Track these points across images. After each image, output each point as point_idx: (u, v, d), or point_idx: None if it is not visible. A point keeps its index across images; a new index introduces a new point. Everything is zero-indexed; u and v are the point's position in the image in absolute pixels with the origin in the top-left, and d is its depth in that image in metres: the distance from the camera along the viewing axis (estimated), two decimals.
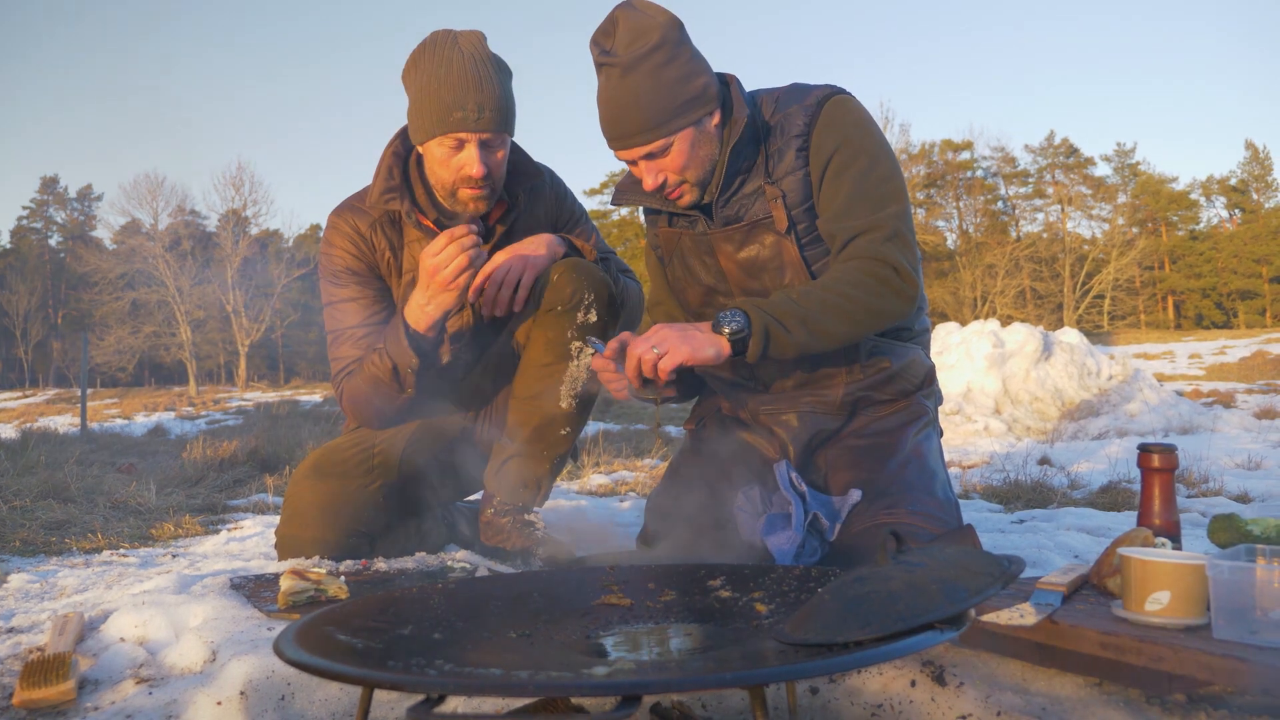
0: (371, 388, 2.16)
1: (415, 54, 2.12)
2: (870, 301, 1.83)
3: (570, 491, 4.22)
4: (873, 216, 1.87)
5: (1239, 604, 1.19)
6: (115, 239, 48.95)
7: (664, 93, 1.83)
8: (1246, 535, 1.62)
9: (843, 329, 1.83)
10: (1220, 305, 54.51)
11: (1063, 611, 1.31)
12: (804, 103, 1.94)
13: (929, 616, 0.99)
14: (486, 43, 2.13)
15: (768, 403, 2.04)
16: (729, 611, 1.32)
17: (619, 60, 1.82)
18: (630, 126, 1.85)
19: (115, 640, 1.64)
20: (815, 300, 1.80)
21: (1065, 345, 8.32)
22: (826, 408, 2.01)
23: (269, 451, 5.63)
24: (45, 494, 3.88)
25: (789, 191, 1.93)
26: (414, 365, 2.09)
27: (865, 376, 2.00)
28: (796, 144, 1.92)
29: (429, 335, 2.08)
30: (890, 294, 1.85)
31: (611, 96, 1.86)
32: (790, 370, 2.00)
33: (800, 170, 1.93)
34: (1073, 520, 2.93)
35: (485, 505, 2.30)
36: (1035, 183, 54.67)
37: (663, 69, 1.83)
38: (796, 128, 1.93)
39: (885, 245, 1.85)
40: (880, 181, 1.91)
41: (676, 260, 2.09)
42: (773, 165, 1.94)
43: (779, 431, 2.03)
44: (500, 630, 1.24)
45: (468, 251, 1.94)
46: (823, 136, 1.91)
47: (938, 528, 1.77)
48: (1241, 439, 5.97)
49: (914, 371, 2.05)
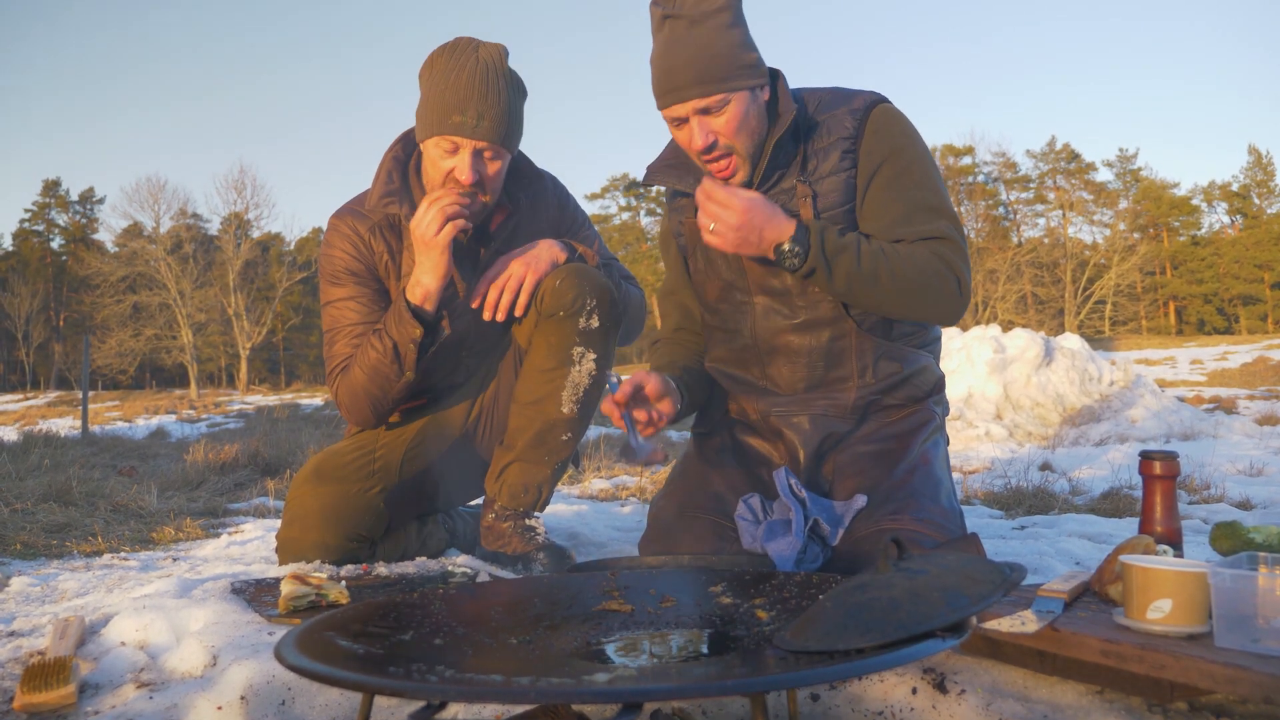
0: (369, 375, 2.15)
1: (435, 53, 2.13)
2: (927, 290, 1.87)
3: (571, 496, 4.22)
4: (936, 225, 1.91)
5: (1241, 612, 1.19)
6: (117, 242, 49.10)
7: (727, 50, 1.84)
8: (1249, 543, 1.62)
9: (891, 294, 1.86)
10: (1222, 311, 54.51)
11: (1064, 619, 1.31)
12: (851, 106, 1.96)
13: (930, 624, 0.98)
14: (507, 58, 2.13)
15: (780, 404, 2.04)
16: (730, 618, 1.32)
17: (686, 13, 1.84)
18: (690, 76, 1.84)
19: (116, 644, 1.64)
20: (884, 251, 1.85)
21: (1066, 351, 8.31)
22: (839, 411, 2.01)
23: (270, 455, 5.63)
24: (46, 497, 3.88)
25: (828, 193, 1.93)
26: (416, 337, 2.09)
27: (877, 381, 2.00)
28: (843, 146, 1.93)
29: (428, 309, 2.10)
30: (945, 297, 1.89)
31: (673, 49, 1.86)
32: (803, 372, 2.01)
33: (845, 172, 1.93)
34: (1074, 527, 2.93)
35: (486, 510, 2.30)
36: (1037, 188, 54.75)
37: (728, 29, 1.85)
38: (844, 130, 1.94)
39: (954, 256, 1.90)
40: (934, 193, 1.95)
41: (700, 252, 2.08)
42: (812, 165, 1.95)
43: (788, 434, 2.03)
44: (501, 636, 1.24)
45: (445, 207, 2.00)
46: (874, 142, 1.93)
47: (942, 536, 1.76)
48: (1243, 445, 5.96)
49: (925, 378, 2.06)
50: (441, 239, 2.02)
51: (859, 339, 1.97)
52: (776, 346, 2.01)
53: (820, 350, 1.98)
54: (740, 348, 2.06)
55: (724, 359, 2.11)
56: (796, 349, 1.99)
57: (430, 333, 2.13)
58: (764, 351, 2.03)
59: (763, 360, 2.04)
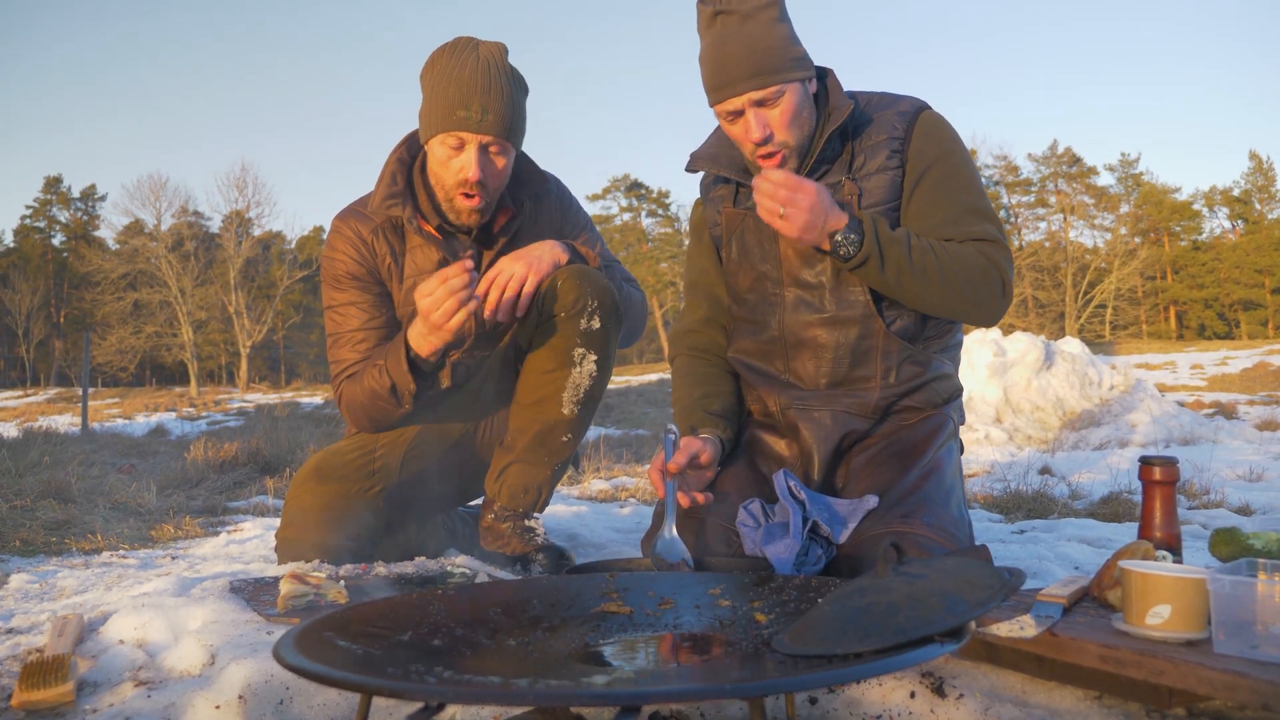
0: (369, 399, 2.16)
1: (435, 54, 2.13)
2: (973, 289, 1.91)
3: (570, 497, 4.22)
4: (983, 227, 1.96)
5: (1240, 618, 1.19)
6: (118, 239, 49.12)
7: (780, 43, 1.89)
8: (1248, 549, 1.62)
9: (938, 289, 1.89)
10: (1222, 316, 54.50)
11: (1063, 624, 1.31)
12: (898, 108, 2.01)
13: (929, 629, 0.98)
14: (507, 55, 2.14)
15: (801, 398, 2.04)
16: (729, 621, 1.32)
17: (736, 8, 1.89)
18: (746, 69, 1.89)
19: (114, 642, 1.64)
20: (933, 248, 1.88)
21: (1067, 355, 8.31)
22: (861, 409, 2.02)
23: (270, 453, 5.64)
24: (46, 494, 3.88)
25: (874, 190, 1.97)
26: (412, 389, 2.11)
27: (899, 383, 2.02)
28: (891, 145, 1.97)
29: (430, 359, 2.09)
30: (990, 297, 1.94)
31: (726, 44, 1.90)
32: (828, 368, 2.02)
33: (891, 171, 1.97)
34: (1073, 531, 2.93)
35: (486, 510, 2.30)
36: (1038, 191, 54.74)
37: (777, 23, 1.90)
38: (893, 130, 1.98)
39: (1001, 257, 1.95)
40: (981, 196, 2.00)
41: (735, 241, 2.11)
42: (859, 162, 1.99)
43: (804, 431, 2.02)
44: (499, 638, 1.24)
45: (457, 294, 1.93)
46: (922, 143, 1.98)
47: (951, 544, 1.77)
48: (1243, 450, 5.96)
49: (945, 385, 2.08)
50: (451, 326, 1.97)
51: (885, 340, 1.99)
52: (803, 340, 2.02)
53: (847, 347, 2.00)
54: (767, 340, 2.07)
55: (748, 350, 2.12)
56: (823, 344, 2.01)
57: (427, 385, 2.14)
58: (790, 345, 2.04)
59: (788, 353, 2.05)
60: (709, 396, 2.12)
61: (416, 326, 2.04)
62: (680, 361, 2.24)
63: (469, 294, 1.94)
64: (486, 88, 2.06)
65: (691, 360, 2.21)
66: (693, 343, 2.23)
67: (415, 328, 2.04)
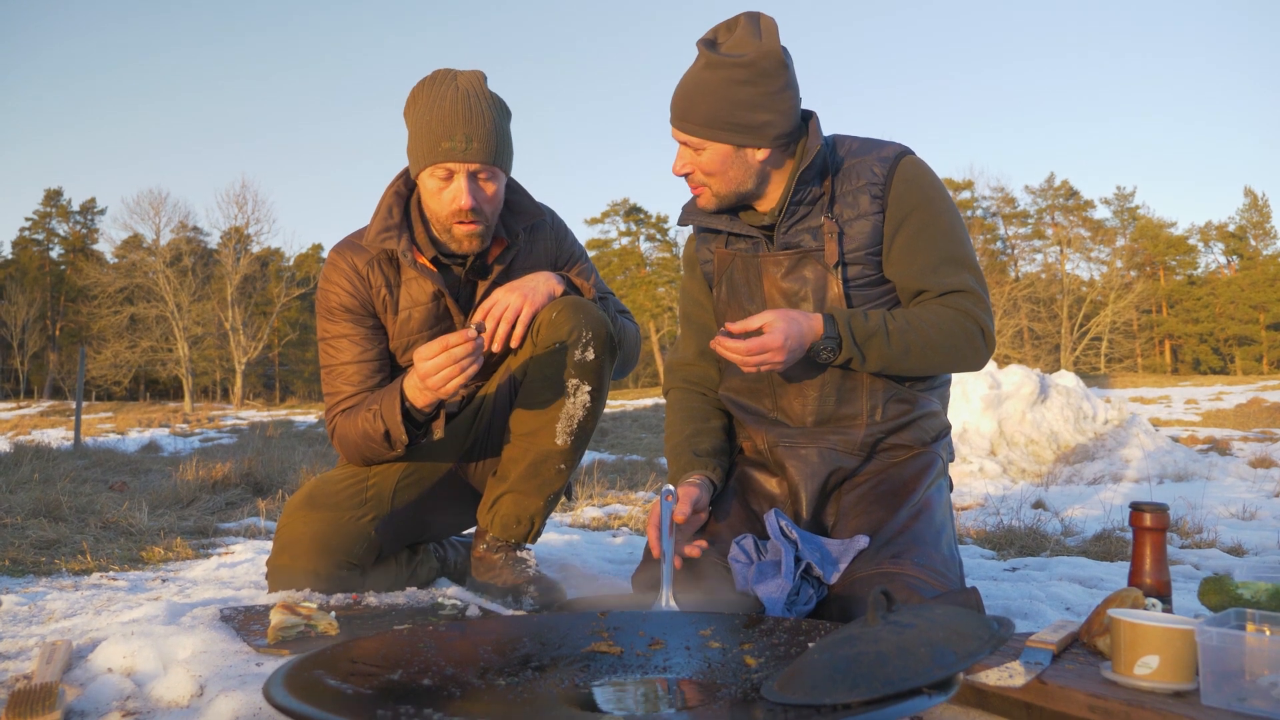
0: (362, 440, 2.18)
1: (415, 89, 2.16)
2: (955, 351, 1.97)
3: (563, 525, 4.20)
4: (960, 278, 2.00)
5: (1228, 670, 1.19)
6: (116, 253, 49.14)
7: (723, 104, 1.92)
8: (1237, 599, 1.62)
9: (917, 362, 1.97)
10: (1217, 351, 54.66)
11: (1052, 671, 1.31)
12: (880, 154, 2.04)
13: (917, 681, 0.99)
14: (486, 82, 2.17)
15: (788, 436, 2.06)
16: (718, 664, 1.32)
17: (713, 54, 1.93)
18: (679, 110, 1.98)
19: (103, 670, 1.63)
20: (910, 324, 1.94)
21: (1062, 388, 8.33)
22: (847, 447, 2.03)
23: (262, 474, 5.62)
24: (36, 512, 3.86)
25: (856, 235, 2.01)
26: (405, 441, 2.13)
27: (886, 420, 2.03)
28: (872, 190, 2.00)
29: (425, 410, 2.10)
30: (972, 352, 1.99)
31: (686, 79, 1.98)
32: (814, 405, 2.04)
33: (873, 217, 2.00)
34: (1065, 570, 2.93)
35: (478, 541, 2.30)
36: (1034, 224, 55.01)
37: (737, 85, 1.91)
38: (873, 175, 2.01)
39: (979, 309, 1.99)
40: (960, 245, 2.03)
41: (725, 282, 2.14)
42: (841, 205, 2.02)
43: (791, 468, 2.04)
44: (489, 677, 1.24)
45: (459, 363, 1.94)
46: (902, 190, 2.00)
47: (942, 585, 1.77)
48: (1237, 488, 5.96)
49: (932, 423, 2.09)
50: (448, 390, 1.98)
51: (870, 378, 2.03)
52: (790, 378, 2.05)
53: (833, 385, 2.03)
54: (753, 378, 2.10)
55: (737, 389, 2.15)
56: (809, 382, 2.03)
57: (421, 435, 2.16)
58: (777, 383, 2.07)
59: (775, 391, 2.08)
60: (699, 434, 2.15)
61: (412, 380, 2.05)
62: (674, 395, 2.26)
63: (470, 362, 1.95)
64: (468, 117, 2.08)
65: (685, 394, 2.24)
66: (687, 375, 2.26)
67: (411, 380, 2.05)
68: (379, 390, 2.20)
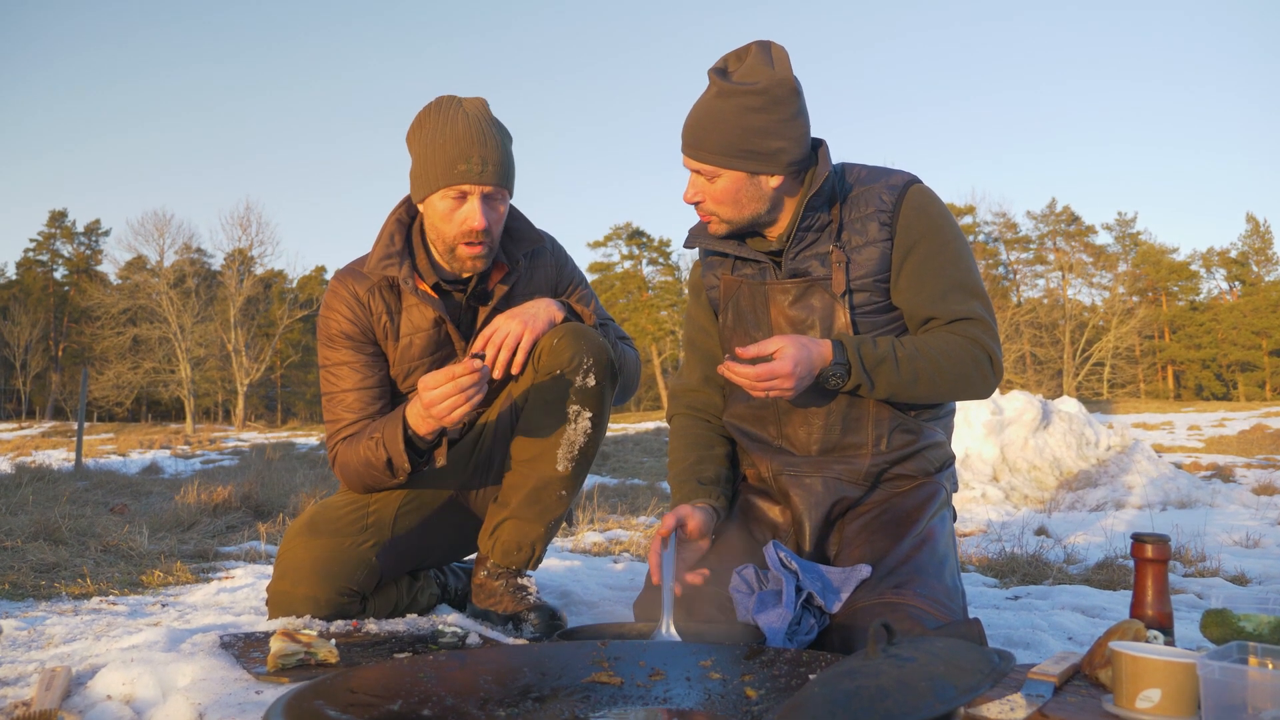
0: (364, 467, 2.19)
1: (420, 116, 2.18)
2: (963, 378, 1.97)
3: (564, 550, 4.20)
4: (969, 305, 2.00)
5: (1230, 704, 1.19)
6: (120, 274, 49.33)
7: (736, 132, 1.93)
8: (1239, 632, 1.61)
9: (925, 389, 1.96)
10: (1220, 377, 54.57)
11: (1054, 704, 1.31)
12: (889, 182, 2.05)
13: (917, 715, 0.98)
14: (489, 108, 2.19)
15: (793, 464, 2.06)
16: (719, 695, 1.31)
17: (725, 82, 1.94)
18: (692, 138, 1.98)
19: (102, 698, 1.63)
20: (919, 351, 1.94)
21: (1064, 414, 8.31)
22: (852, 476, 2.03)
23: (263, 497, 5.61)
24: (36, 535, 3.86)
25: (864, 262, 2.01)
26: (407, 469, 2.13)
27: (890, 450, 2.03)
28: (880, 218, 2.01)
29: (427, 438, 2.11)
30: (980, 379, 1.99)
31: (698, 107, 1.99)
32: (819, 434, 2.04)
33: (881, 244, 2.01)
34: (1068, 599, 2.92)
35: (478, 567, 2.30)
36: (1037, 249, 55.06)
37: (750, 113, 1.92)
38: (881, 203, 2.02)
39: (987, 337, 2.00)
40: (968, 273, 2.04)
41: (731, 308, 2.15)
42: (849, 233, 2.03)
43: (795, 497, 2.04)
44: (489, 708, 1.24)
45: (465, 391, 1.95)
46: (911, 218, 2.01)
47: (945, 615, 1.77)
48: (1240, 515, 5.94)
49: (937, 453, 2.09)
50: (452, 419, 1.99)
51: (876, 407, 2.03)
52: (795, 405, 2.05)
53: (838, 413, 2.03)
54: (759, 405, 2.10)
55: (742, 415, 2.15)
56: (815, 410, 2.04)
57: (422, 463, 2.17)
58: (783, 410, 2.07)
59: (780, 419, 2.08)
60: (703, 462, 2.15)
61: (415, 408, 2.05)
62: (678, 422, 2.26)
63: (476, 391, 1.95)
64: (482, 140, 2.10)
65: (689, 421, 2.24)
66: (690, 401, 2.26)
67: (414, 408, 2.06)
68: (381, 418, 2.21)
